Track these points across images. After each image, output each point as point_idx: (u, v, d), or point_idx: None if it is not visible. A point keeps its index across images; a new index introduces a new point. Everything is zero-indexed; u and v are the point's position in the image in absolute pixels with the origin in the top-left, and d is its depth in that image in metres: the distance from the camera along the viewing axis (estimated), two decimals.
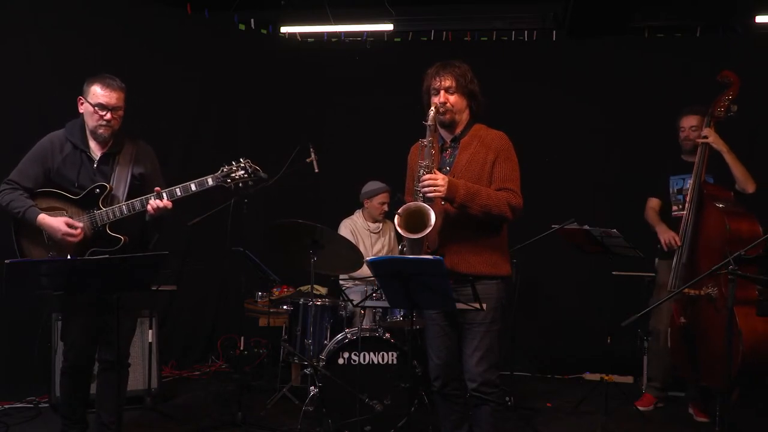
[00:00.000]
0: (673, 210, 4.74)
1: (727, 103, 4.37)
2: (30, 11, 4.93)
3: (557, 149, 5.82)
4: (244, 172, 3.52)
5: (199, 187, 3.47)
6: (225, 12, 6.04)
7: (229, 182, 3.52)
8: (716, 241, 4.12)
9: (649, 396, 4.79)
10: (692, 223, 4.29)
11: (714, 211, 4.19)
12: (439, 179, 2.96)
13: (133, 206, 3.44)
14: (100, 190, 3.45)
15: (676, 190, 4.74)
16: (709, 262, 4.06)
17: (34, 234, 3.44)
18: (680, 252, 4.32)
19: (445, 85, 3.13)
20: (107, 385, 3.55)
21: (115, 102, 3.46)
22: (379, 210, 5.14)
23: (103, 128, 3.46)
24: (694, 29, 5.88)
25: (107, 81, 3.46)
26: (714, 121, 4.41)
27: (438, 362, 3.26)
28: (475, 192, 3.02)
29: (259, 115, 6.16)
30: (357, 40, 6.36)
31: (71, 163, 3.47)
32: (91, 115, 3.45)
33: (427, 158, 3.04)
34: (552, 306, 5.88)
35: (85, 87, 3.48)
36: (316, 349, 4.44)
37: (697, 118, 4.61)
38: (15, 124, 4.68)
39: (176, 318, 5.74)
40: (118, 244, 3.46)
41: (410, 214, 3.00)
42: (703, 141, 4.39)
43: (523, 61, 6.02)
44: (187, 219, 4.92)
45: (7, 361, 4.71)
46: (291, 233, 4.13)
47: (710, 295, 4.13)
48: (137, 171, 3.56)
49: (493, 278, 3.15)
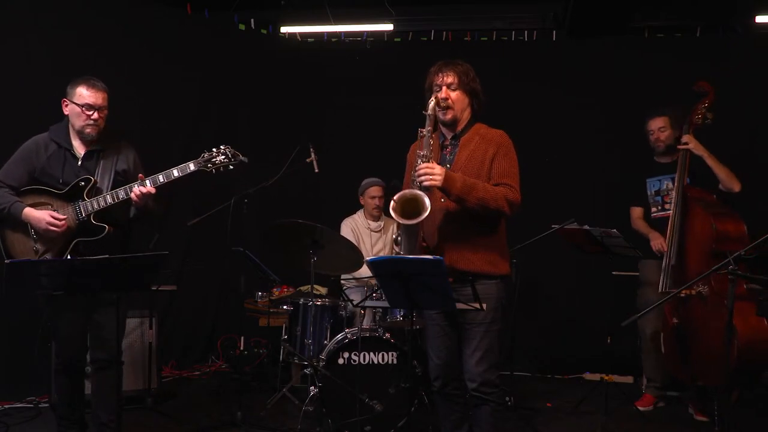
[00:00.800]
0: (652, 212, 4.81)
1: (704, 111, 4.51)
2: (30, 11, 4.93)
3: (557, 149, 5.82)
4: (224, 157, 3.65)
5: (181, 172, 3.58)
6: (225, 12, 6.04)
7: (210, 167, 3.63)
8: (704, 241, 4.24)
9: (649, 396, 4.80)
10: (678, 226, 4.38)
11: (700, 213, 4.32)
12: (435, 168, 2.96)
13: (117, 195, 3.52)
14: (84, 182, 3.54)
15: (653, 192, 4.82)
16: (698, 262, 4.25)
17: (18, 230, 3.52)
18: (669, 254, 4.38)
19: (447, 81, 3.14)
20: (103, 385, 3.56)
21: (101, 102, 3.56)
22: (372, 204, 5.13)
23: (90, 127, 3.56)
24: (694, 29, 5.88)
25: (92, 82, 3.57)
26: (692, 128, 4.54)
27: (438, 362, 3.26)
28: (472, 185, 3.01)
29: (259, 115, 6.16)
30: (357, 40, 6.36)
31: (55, 161, 3.57)
32: (78, 115, 3.55)
33: (426, 148, 3.04)
34: (552, 306, 5.88)
35: (69, 89, 3.59)
36: (316, 349, 4.44)
37: (663, 119, 4.75)
38: (15, 124, 4.67)
39: (176, 318, 5.74)
40: (102, 232, 3.53)
41: (406, 201, 2.99)
42: (683, 147, 4.49)
43: (523, 61, 6.02)
44: (187, 219, 4.93)
45: (7, 361, 4.71)
46: (291, 233, 4.13)
47: (701, 294, 4.21)
48: (120, 167, 3.66)
49: (493, 277, 3.15)
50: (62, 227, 3.47)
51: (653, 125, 4.79)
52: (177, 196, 5.47)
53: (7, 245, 3.53)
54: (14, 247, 3.52)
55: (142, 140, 5.17)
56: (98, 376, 3.60)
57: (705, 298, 4.18)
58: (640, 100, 5.72)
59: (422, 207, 2.92)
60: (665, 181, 4.72)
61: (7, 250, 3.52)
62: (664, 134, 4.74)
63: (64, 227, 3.47)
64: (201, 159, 3.62)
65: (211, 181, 3.81)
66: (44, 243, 3.51)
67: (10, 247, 3.52)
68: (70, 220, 3.51)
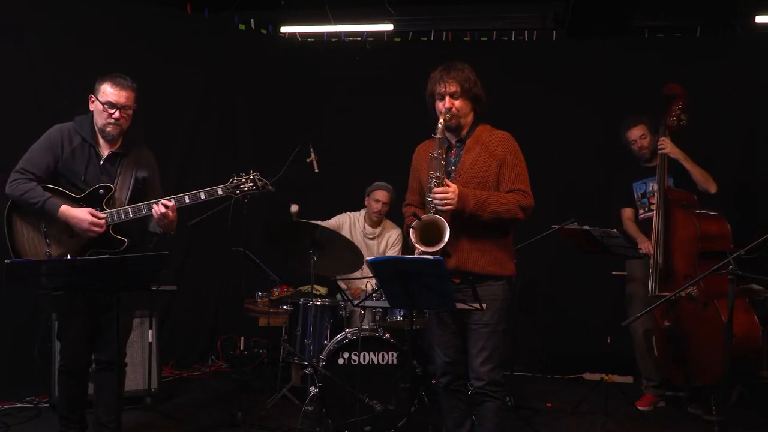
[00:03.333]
0: (640, 213, 4.86)
1: (678, 113, 4.55)
2: (30, 11, 4.93)
3: (557, 149, 5.81)
4: (252, 185, 3.61)
5: (208, 196, 3.52)
6: (225, 12, 6.04)
7: (238, 193, 3.60)
8: (689, 242, 4.31)
9: (649, 396, 4.80)
10: (663, 228, 4.42)
11: (683, 215, 4.38)
12: (450, 192, 2.99)
13: (140, 209, 3.45)
14: (104, 191, 3.46)
15: (639, 194, 4.87)
16: (685, 263, 4.33)
17: (31, 231, 3.41)
18: (655, 256, 4.42)
19: (450, 90, 3.15)
20: (105, 385, 3.55)
21: (124, 101, 3.47)
22: (375, 207, 5.09)
23: (111, 126, 3.47)
24: (694, 29, 5.88)
25: (118, 80, 3.47)
26: (668, 130, 4.59)
27: (447, 360, 3.29)
28: (484, 200, 3.05)
29: (259, 115, 6.16)
30: (357, 40, 6.36)
31: (80, 155, 3.47)
32: (101, 113, 3.46)
33: (438, 170, 3.06)
34: (552, 306, 5.88)
35: (96, 85, 3.50)
36: (316, 349, 4.44)
37: (641, 127, 4.80)
38: (15, 124, 4.68)
39: (176, 318, 5.73)
40: (121, 246, 3.47)
41: (424, 226, 3.03)
42: (661, 152, 4.55)
43: (523, 61, 6.02)
44: (187, 219, 4.93)
45: (7, 361, 4.71)
46: (291, 233, 4.12)
47: (691, 295, 4.25)
48: (140, 175, 3.58)
49: (499, 278, 3.19)
50: (103, 228, 3.38)
51: (633, 135, 4.82)
52: None
53: (16, 245, 3.41)
54: (24, 248, 3.40)
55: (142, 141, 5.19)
56: (100, 376, 3.59)
57: (695, 299, 4.23)
58: (640, 100, 5.73)
59: (443, 233, 2.96)
60: (650, 183, 4.77)
61: (17, 251, 3.39)
62: (645, 140, 4.78)
63: (104, 228, 3.39)
64: (230, 185, 3.57)
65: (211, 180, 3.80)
66: (58, 248, 3.41)
67: (20, 248, 3.40)
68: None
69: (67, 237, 3.43)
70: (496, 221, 3.09)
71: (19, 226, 3.43)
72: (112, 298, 3.08)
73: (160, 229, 3.53)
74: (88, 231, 3.36)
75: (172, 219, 3.45)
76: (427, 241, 3.01)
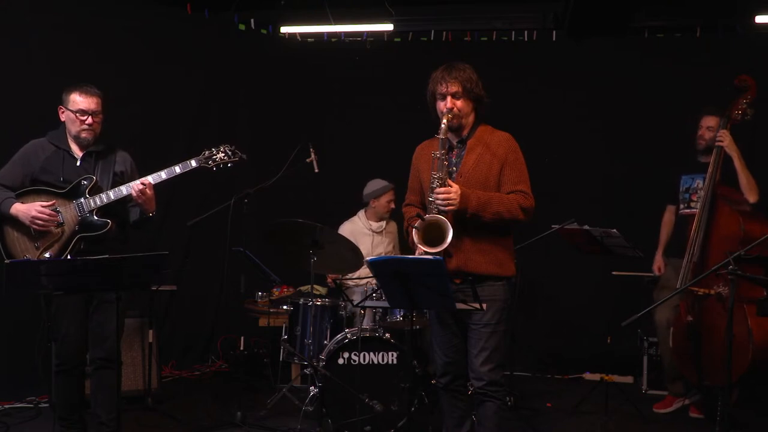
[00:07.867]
0: (680, 208, 4.76)
1: (744, 107, 4.39)
2: (30, 11, 4.93)
3: (557, 149, 5.81)
4: (224, 154, 3.77)
5: (183, 168, 3.68)
6: (225, 12, 6.04)
7: (210, 164, 3.75)
8: (729, 240, 4.14)
9: (670, 398, 4.75)
10: (705, 223, 4.31)
11: (728, 212, 4.24)
12: (452, 192, 2.99)
13: (119, 191, 3.59)
14: (87, 181, 3.60)
15: (683, 189, 4.75)
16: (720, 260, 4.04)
17: (19, 228, 3.54)
18: (692, 251, 4.32)
19: (451, 90, 3.15)
20: (103, 383, 3.58)
21: (94, 107, 3.64)
22: (386, 208, 5.11)
23: (86, 132, 3.64)
24: (694, 29, 5.88)
25: (85, 88, 3.65)
26: (730, 123, 4.42)
27: (447, 360, 3.29)
28: (486, 201, 3.06)
29: (259, 115, 6.16)
30: (357, 40, 6.36)
31: (55, 160, 3.64)
32: (74, 121, 3.63)
33: (440, 170, 3.06)
34: (552, 306, 5.88)
35: (63, 96, 3.66)
36: (316, 349, 4.44)
37: (714, 119, 4.61)
38: (15, 124, 4.67)
39: (176, 318, 5.73)
40: (105, 227, 3.57)
41: (427, 226, 3.03)
42: (718, 143, 4.40)
43: (523, 61, 6.02)
44: (187, 219, 4.93)
45: (7, 361, 4.71)
46: (291, 233, 4.13)
47: (720, 294, 4.15)
48: (119, 169, 3.74)
49: (500, 279, 3.19)
50: (50, 217, 3.49)
51: (704, 122, 4.65)
52: (177, 196, 5.49)
53: (7, 244, 3.54)
54: (15, 246, 3.53)
55: (142, 141, 5.20)
56: (97, 375, 3.61)
57: (724, 300, 4.11)
58: (640, 100, 5.74)
59: (445, 234, 2.97)
60: (698, 180, 4.61)
61: (8, 250, 3.53)
62: (709, 134, 4.60)
63: (52, 218, 3.50)
64: (202, 156, 3.73)
65: (211, 180, 3.82)
66: (45, 240, 3.53)
67: (10, 246, 3.54)
68: (72, 217, 3.55)
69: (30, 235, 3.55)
70: (498, 222, 3.10)
71: (8, 227, 3.56)
72: (106, 296, 3.11)
73: (140, 214, 3.65)
74: (32, 223, 3.49)
75: (150, 196, 3.57)
76: (429, 242, 3.01)
